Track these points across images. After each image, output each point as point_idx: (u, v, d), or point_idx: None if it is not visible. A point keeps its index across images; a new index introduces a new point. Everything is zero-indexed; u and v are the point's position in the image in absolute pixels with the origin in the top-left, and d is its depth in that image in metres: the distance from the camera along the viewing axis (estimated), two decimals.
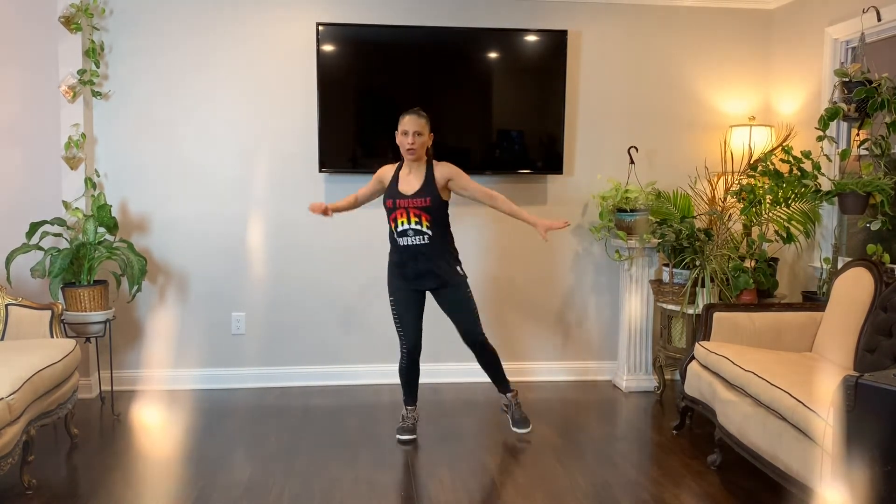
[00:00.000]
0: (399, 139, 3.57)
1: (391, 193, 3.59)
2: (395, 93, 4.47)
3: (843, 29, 4.03)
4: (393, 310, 3.69)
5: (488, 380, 4.67)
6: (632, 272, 4.50)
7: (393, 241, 3.63)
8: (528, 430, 3.76)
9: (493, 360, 3.75)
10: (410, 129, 3.50)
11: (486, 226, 4.65)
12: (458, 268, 3.66)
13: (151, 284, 4.45)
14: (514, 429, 3.76)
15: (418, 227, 3.52)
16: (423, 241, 3.54)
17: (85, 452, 3.49)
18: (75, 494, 3.02)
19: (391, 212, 3.57)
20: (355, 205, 3.75)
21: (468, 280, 3.69)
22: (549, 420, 4.00)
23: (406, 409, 3.78)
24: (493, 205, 3.64)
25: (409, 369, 3.73)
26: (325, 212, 3.61)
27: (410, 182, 3.56)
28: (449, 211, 3.64)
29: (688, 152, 4.74)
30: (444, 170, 3.57)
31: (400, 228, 3.55)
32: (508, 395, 3.83)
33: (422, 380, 4.57)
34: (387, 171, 3.68)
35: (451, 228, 3.69)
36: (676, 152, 4.74)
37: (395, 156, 4.60)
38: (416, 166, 3.58)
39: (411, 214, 3.52)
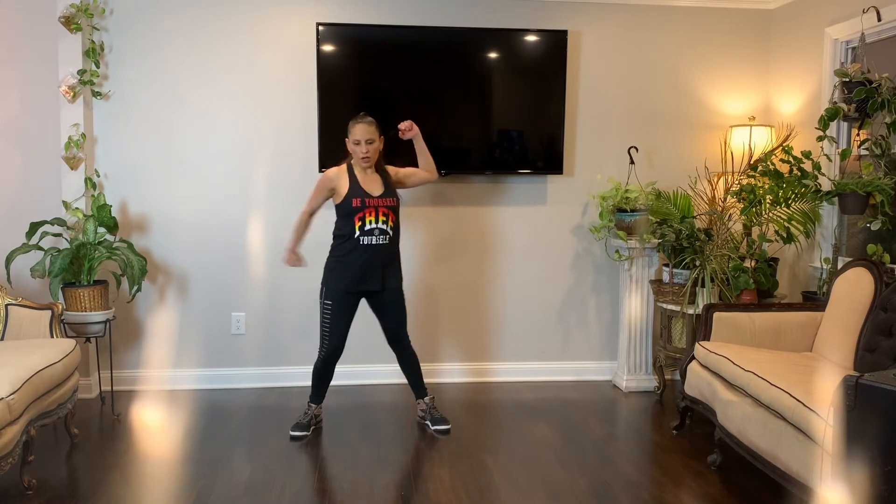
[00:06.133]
0: (351, 148, 3.67)
1: (357, 193, 3.63)
2: (395, 93, 4.47)
3: (843, 29, 4.03)
4: (327, 310, 3.70)
5: (487, 380, 4.69)
6: (632, 272, 4.50)
7: (351, 240, 3.63)
8: (448, 428, 3.79)
9: (416, 360, 3.90)
10: (363, 139, 3.60)
11: (487, 225, 4.65)
12: (400, 273, 3.82)
13: (151, 284, 4.45)
14: (434, 427, 3.80)
15: (384, 226, 3.61)
16: (384, 241, 3.63)
17: (85, 452, 3.49)
18: (75, 494, 3.02)
19: (357, 211, 3.60)
20: (311, 221, 3.78)
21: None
22: (549, 420, 4.00)
23: (310, 407, 3.83)
24: (426, 171, 3.85)
25: (326, 370, 3.80)
26: (297, 258, 3.76)
27: (373, 183, 3.67)
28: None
29: (688, 152, 4.74)
30: (392, 170, 3.79)
31: (367, 227, 3.60)
32: (426, 399, 3.90)
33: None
34: (337, 174, 3.69)
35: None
36: (676, 152, 4.74)
37: (392, 157, 4.62)
38: (373, 169, 3.71)
39: (380, 213, 3.61)
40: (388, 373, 4.58)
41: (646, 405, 4.31)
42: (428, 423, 3.84)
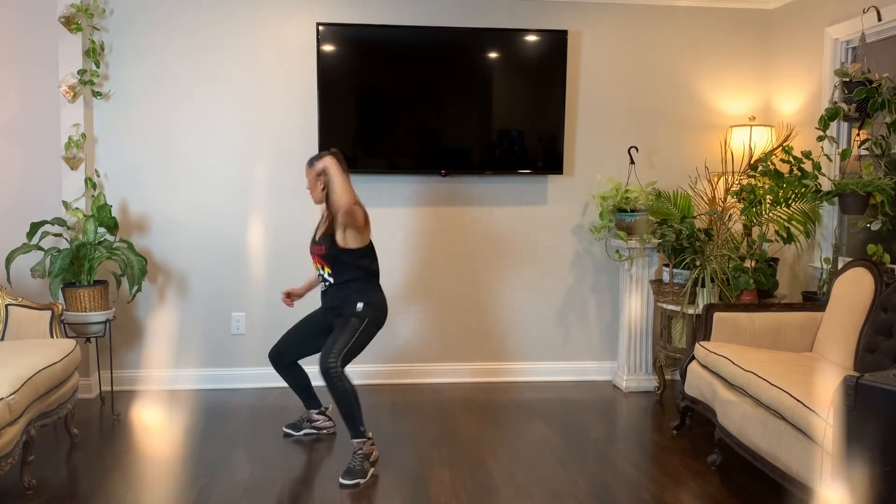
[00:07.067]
0: None
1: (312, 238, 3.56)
2: (395, 93, 4.47)
3: (843, 29, 4.03)
4: None
5: (487, 380, 4.69)
6: (632, 272, 4.50)
7: None
8: (353, 483, 3.11)
9: (341, 398, 3.23)
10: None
11: (486, 225, 4.65)
12: (359, 304, 3.34)
13: (151, 284, 4.45)
14: (340, 478, 3.14)
15: (323, 272, 3.45)
16: (325, 288, 3.48)
17: (85, 452, 3.49)
18: (75, 494, 3.02)
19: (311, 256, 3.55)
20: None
21: (366, 320, 3.33)
22: (549, 420, 4.00)
23: (306, 412, 3.76)
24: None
25: (280, 374, 3.68)
26: (290, 302, 3.71)
27: (322, 226, 3.48)
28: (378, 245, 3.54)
29: (688, 152, 4.74)
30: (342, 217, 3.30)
31: (317, 272, 3.52)
32: (356, 441, 3.26)
33: (423, 379, 4.63)
34: None
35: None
36: (676, 152, 4.74)
37: (393, 157, 4.64)
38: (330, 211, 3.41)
39: (316, 261, 3.48)
40: (388, 373, 4.58)
41: (646, 405, 4.31)
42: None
